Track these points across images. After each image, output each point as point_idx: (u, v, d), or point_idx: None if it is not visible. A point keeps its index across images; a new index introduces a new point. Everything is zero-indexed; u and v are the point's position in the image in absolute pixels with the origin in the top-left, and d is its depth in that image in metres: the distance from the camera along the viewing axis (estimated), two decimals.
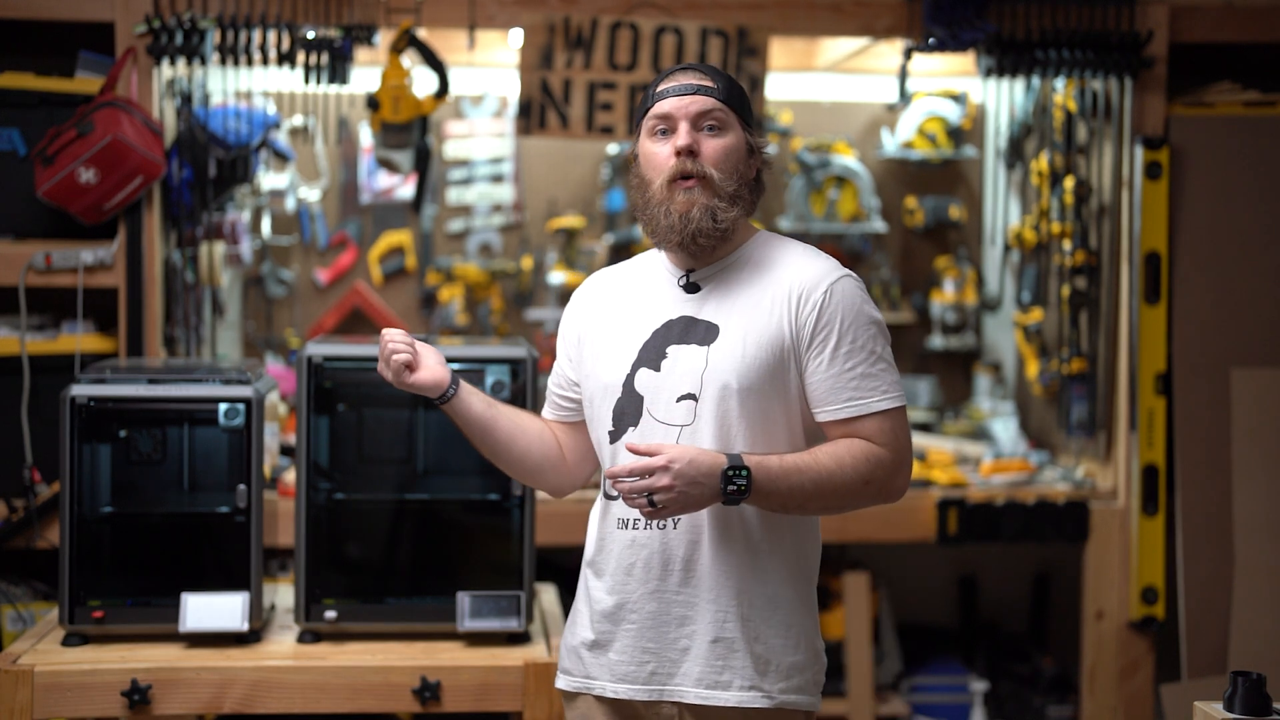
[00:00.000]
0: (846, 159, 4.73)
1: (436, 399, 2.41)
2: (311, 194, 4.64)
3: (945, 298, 4.79)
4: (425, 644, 2.94)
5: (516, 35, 4.06)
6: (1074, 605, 4.34)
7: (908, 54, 4.08)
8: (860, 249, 4.83)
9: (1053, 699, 4.42)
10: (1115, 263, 4.16)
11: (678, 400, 2.27)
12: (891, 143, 4.77)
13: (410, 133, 3.97)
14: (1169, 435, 4.08)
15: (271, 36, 3.84)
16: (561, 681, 2.41)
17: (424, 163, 4.03)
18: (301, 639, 2.95)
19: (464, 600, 2.90)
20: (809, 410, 2.29)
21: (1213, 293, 4.08)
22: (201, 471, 3.04)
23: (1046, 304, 4.42)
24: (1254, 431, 4.04)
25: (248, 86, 3.99)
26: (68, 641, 2.89)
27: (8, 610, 3.73)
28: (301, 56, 3.87)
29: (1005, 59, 4.07)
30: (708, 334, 2.28)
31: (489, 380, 2.99)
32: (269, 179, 4.53)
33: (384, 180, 4.67)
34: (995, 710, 4.46)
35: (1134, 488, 4.07)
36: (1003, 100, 4.53)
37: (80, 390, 2.91)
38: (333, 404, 3.00)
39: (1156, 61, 4.05)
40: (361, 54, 4.07)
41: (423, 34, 3.94)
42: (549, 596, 3.30)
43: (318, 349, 2.95)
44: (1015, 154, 4.53)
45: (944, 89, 4.74)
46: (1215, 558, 4.01)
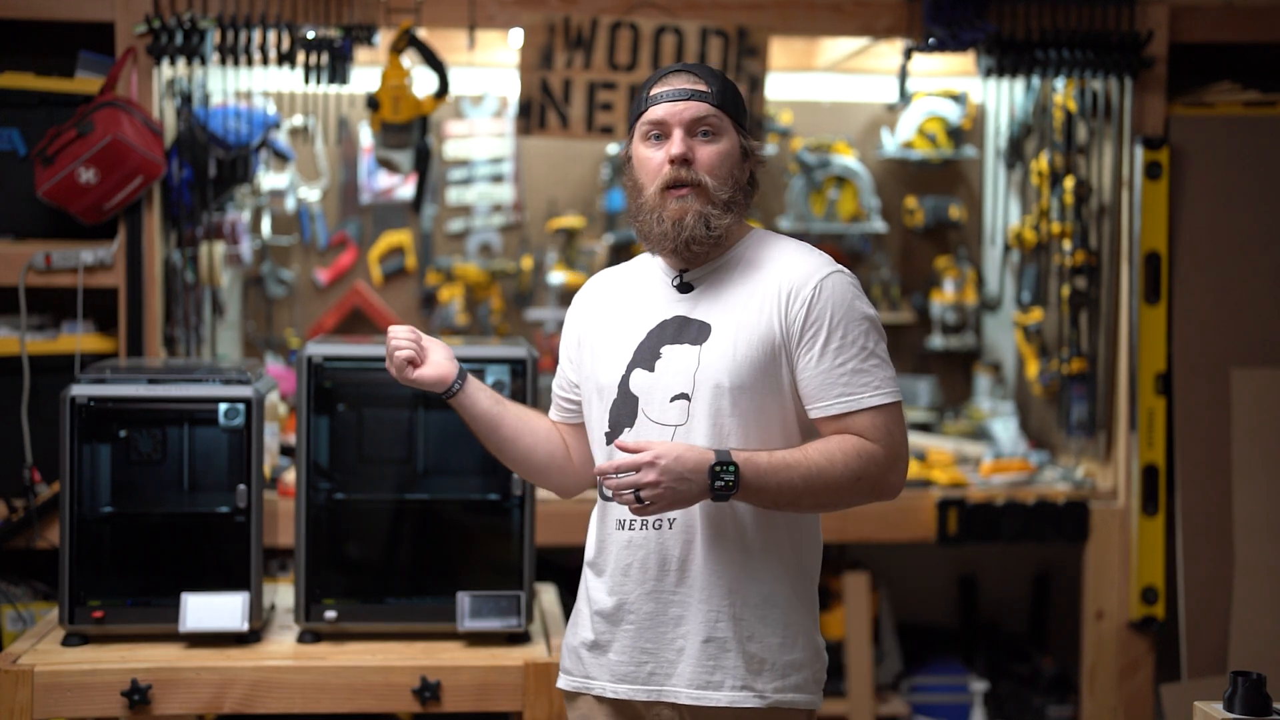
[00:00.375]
0: (846, 159, 4.73)
1: (442, 394, 2.41)
2: (311, 194, 4.64)
3: (945, 298, 4.79)
4: (425, 644, 2.94)
5: (516, 35, 4.06)
6: (1074, 605, 4.34)
7: (908, 54, 4.08)
8: (860, 249, 4.83)
9: (1053, 699, 4.42)
10: (1115, 263, 4.16)
11: (671, 400, 2.27)
12: (891, 143, 4.77)
13: (410, 133, 3.97)
14: (1169, 435, 4.08)
15: (271, 36, 3.84)
16: (562, 681, 2.41)
17: (424, 163, 4.03)
18: (301, 639, 2.95)
19: (464, 600, 2.90)
20: (803, 408, 2.29)
21: (1213, 293, 4.08)
22: (201, 471, 3.05)
23: (1046, 304, 4.42)
24: (1254, 431, 4.04)
25: (248, 86, 3.99)
26: (68, 641, 2.89)
27: (8, 610, 3.73)
28: (301, 56, 3.87)
29: (1005, 59, 4.07)
30: (700, 333, 2.28)
31: (489, 380, 2.99)
32: (269, 179, 4.53)
33: (384, 180, 4.67)
34: (995, 710, 4.46)
35: (1134, 488, 4.07)
36: (1003, 100, 4.53)
37: (80, 390, 2.91)
38: (333, 404, 3.01)
39: (1156, 61, 4.05)
40: (361, 54, 4.07)
41: (423, 34, 3.94)
42: (549, 596, 3.30)
43: (318, 349, 2.95)
44: (1015, 154, 4.53)
45: (944, 89, 4.74)
46: (1215, 558, 4.01)
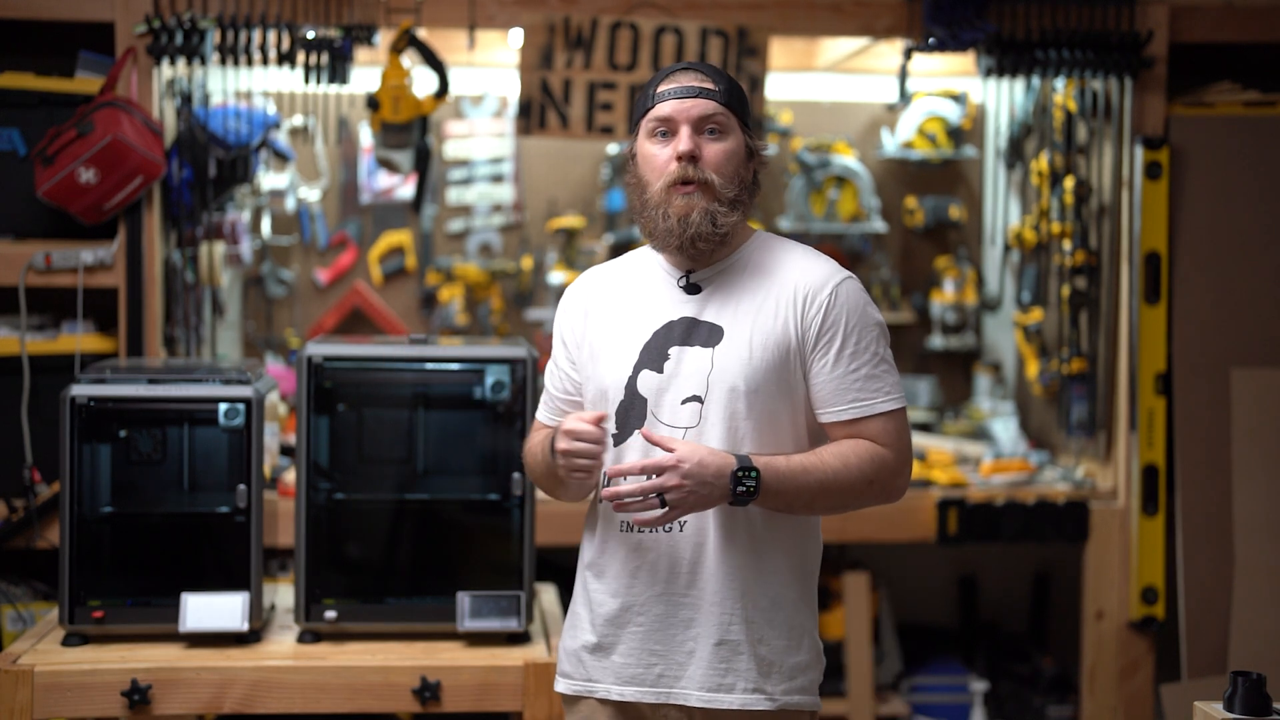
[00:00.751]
0: (846, 159, 4.73)
1: None
2: (311, 194, 4.64)
3: (945, 298, 4.79)
4: (425, 644, 2.94)
5: (516, 35, 4.06)
6: (1074, 605, 4.34)
7: (908, 54, 4.08)
8: (860, 249, 4.83)
9: (1053, 699, 4.42)
10: (1115, 263, 4.16)
11: (682, 402, 2.27)
12: (891, 143, 4.77)
13: (410, 133, 3.97)
14: (1169, 435, 4.08)
15: (271, 36, 3.84)
16: (562, 685, 2.39)
17: (424, 163, 4.03)
18: (301, 639, 2.95)
19: (464, 600, 2.90)
20: (812, 411, 2.30)
21: (1213, 293, 4.08)
22: (201, 471, 3.04)
23: (1046, 304, 4.42)
24: (1254, 431, 4.04)
25: (248, 86, 3.99)
26: (68, 641, 2.89)
27: (8, 610, 3.73)
28: (301, 56, 3.87)
29: (1005, 59, 4.06)
30: (711, 336, 2.28)
31: (489, 380, 2.99)
32: (269, 179, 4.53)
33: (384, 180, 4.67)
34: (995, 710, 4.46)
35: (1134, 488, 4.07)
36: (1003, 100, 4.53)
37: (80, 390, 2.91)
38: (333, 404, 3.00)
39: (1156, 61, 4.05)
40: (361, 54, 4.07)
41: (423, 34, 3.94)
42: (549, 596, 3.30)
43: (318, 349, 2.95)
44: (1015, 154, 4.53)
45: (944, 89, 4.74)
46: (1215, 558, 4.01)
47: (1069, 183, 4.21)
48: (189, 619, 2.85)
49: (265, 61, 3.85)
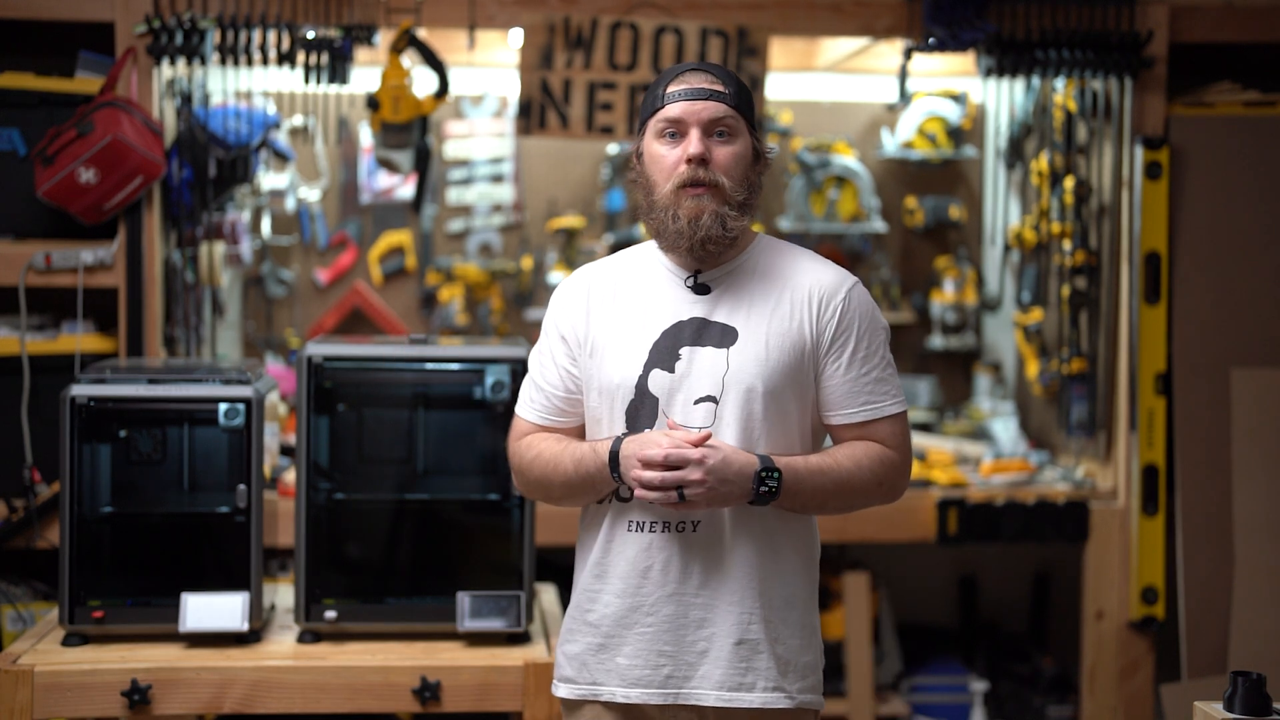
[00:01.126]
0: (846, 159, 4.73)
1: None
2: (311, 194, 4.64)
3: (945, 298, 4.79)
4: (425, 644, 2.94)
5: (516, 35, 4.06)
6: (1074, 605, 4.34)
7: (908, 54, 4.07)
8: (860, 249, 4.83)
9: (1053, 699, 4.42)
10: (1115, 263, 4.16)
11: (696, 402, 2.27)
12: (891, 143, 4.77)
13: (410, 133, 3.97)
14: (1169, 435, 4.08)
15: (271, 36, 3.84)
16: (563, 690, 2.37)
17: (424, 163, 4.03)
18: (301, 639, 2.95)
19: (464, 600, 2.90)
20: (817, 412, 2.31)
21: (1213, 293, 4.08)
22: (201, 471, 3.04)
23: (1046, 304, 4.42)
24: (1254, 431, 4.04)
25: (248, 86, 3.99)
26: (68, 641, 2.89)
27: (8, 610, 3.73)
28: (301, 56, 3.87)
29: (1005, 59, 4.06)
30: (724, 336, 2.28)
31: (489, 380, 2.99)
32: (269, 179, 4.53)
33: (384, 180, 4.67)
34: (995, 710, 4.46)
35: (1134, 488, 4.07)
36: (1003, 100, 4.53)
37: (80, 390, 2.91)
38: (333, 404, 3.01)
39: (1156, 61, 4.05)
40: (361, 54, 4.07)
41: (423, 34, 3.94)
42: (549, 596, 3.30)
43: (318, 349, 2.95)
44: (1015, 154, 4.53)
45: (944, 89, 4.74)
46: (1215, 558, 4.01)
47: (1069, 183, 4.21)
48: (189, 619, 2.85)
49: (265, 61, 3.85)
